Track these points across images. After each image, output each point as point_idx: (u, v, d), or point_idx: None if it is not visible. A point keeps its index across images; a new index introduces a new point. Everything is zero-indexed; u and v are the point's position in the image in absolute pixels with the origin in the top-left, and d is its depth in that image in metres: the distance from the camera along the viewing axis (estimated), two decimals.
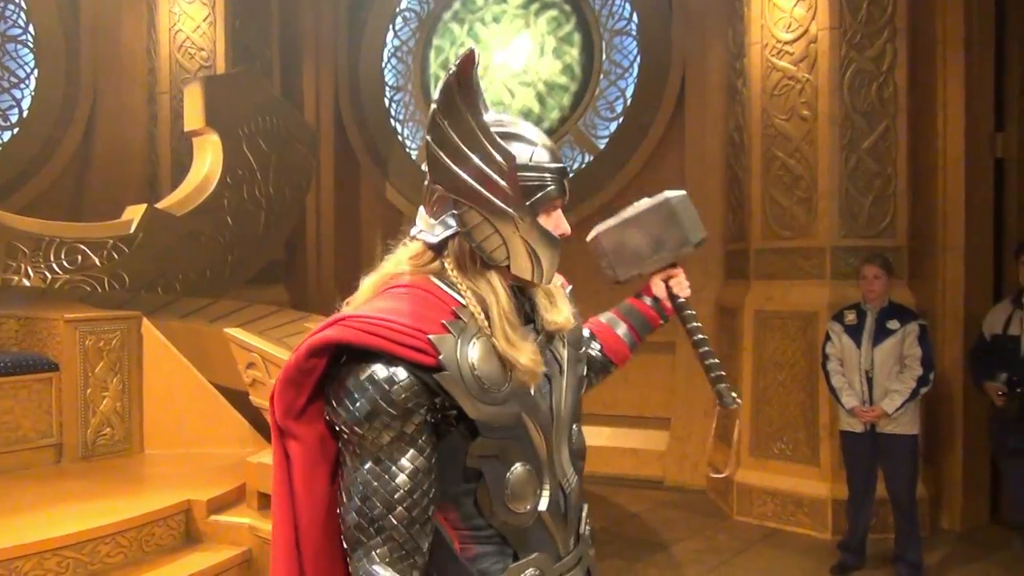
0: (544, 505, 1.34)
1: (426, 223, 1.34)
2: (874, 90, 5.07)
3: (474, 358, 1.24)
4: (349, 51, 8.17)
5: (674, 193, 1.74)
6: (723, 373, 1.67)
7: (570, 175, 1.41)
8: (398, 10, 8.15)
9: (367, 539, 1.22)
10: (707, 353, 1.69)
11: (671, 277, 1.73)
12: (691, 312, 1.73)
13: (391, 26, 8.19)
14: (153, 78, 7.33)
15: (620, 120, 7.17)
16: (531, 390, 1.32)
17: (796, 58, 5.24)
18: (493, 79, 7.50)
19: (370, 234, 8.22)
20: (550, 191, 1.32)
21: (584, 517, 1.48)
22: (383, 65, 8.23)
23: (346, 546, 1.26)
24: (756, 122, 5.44)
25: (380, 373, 1.20)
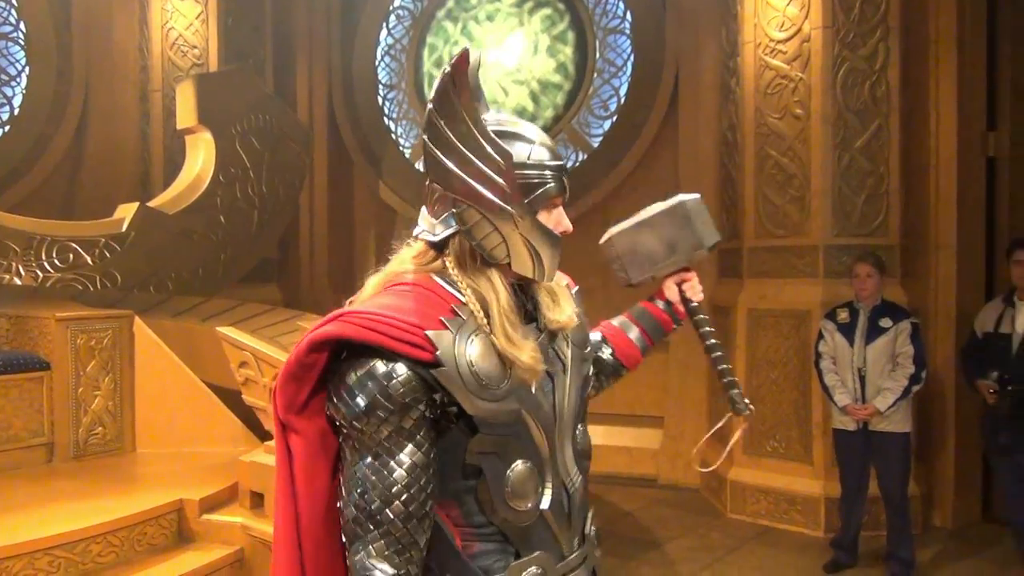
0: (546, 503, 1.34)
1: (428, 223, 1.35)
2: (867, 89, 5.09)
3: (472, 355, 1.25)
4: (342, 49, 8.15)
5: (688, 196, 1.72)
6: (736, 379, 1.65)
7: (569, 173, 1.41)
8: (391, 8, 8.13)
9: (364, 533, 1.23)
10: (720, 358, 1.67)
11: (684, 281, 1.71)
12: (704, 317, 1.71)
13: (384, 24, 8.17)
14: (145, 76, 7.29)
15: (614, 119, 7.16)
16: (532, 388, 1.32)
17: (789, 57, 5.25)
18: (487, 77, 7.48)
19: (363, 233, 8.22)
20: (549, 188, 1.32)
21: (589, 517, 1.48)
22: (376, 63, 8.21)
23: (344, 539, 1.27)
24: (749, 121, 5.45)
25: (379, 368, 1.21)
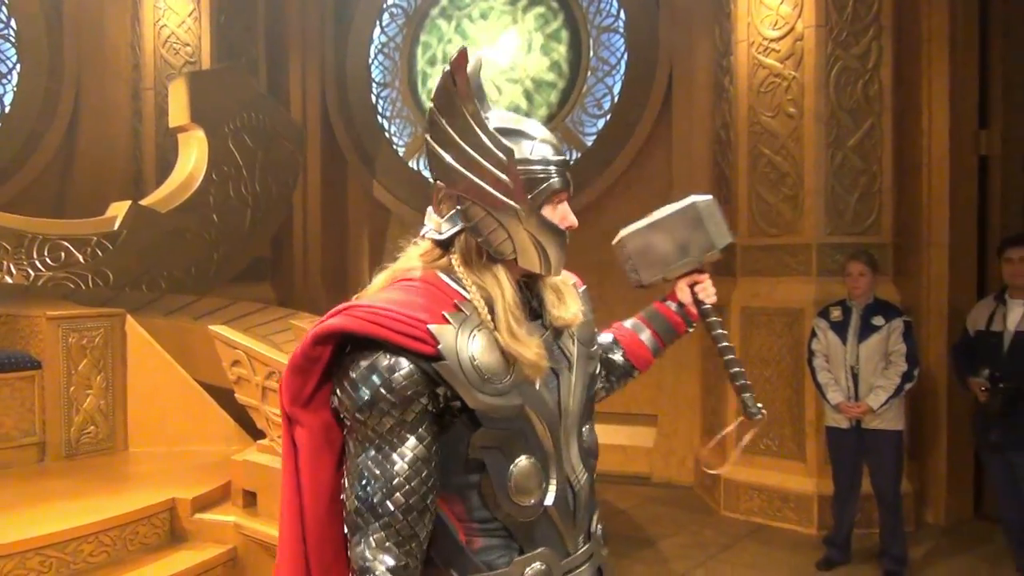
0: (550, 500, 1.34)
1: (434, 221, 1.37)
2: (860, 88, 5.10)
3: (474, 349, 1.26)
4: (336, 47, 8.13)
5: (701, 197, 1.71)
6: (749, 383, 1.63)
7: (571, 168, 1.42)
8: (385, 6, 8.11)
9: (366, 524, 1.24)
10: (732, 361, 1.65)
11: (696, 283, 1.70)
12: (717, 319, 1.69)
13: (378, 22, 8.15)
14: (137, 74, 7.26)
15: (608, 117, 7.16)
16: (536, 384, 1.33)
17: (782, 55, 5.25)
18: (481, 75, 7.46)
19: (357, 231, 8.20)
20: (552, 183, 1.34)
21: (596, 516, 1.49)
22: (370, 61, 8.18)
23: (346, 531, 1.28)
24: (743, 119, 5.45)
25: (382, 362, 1.22)
